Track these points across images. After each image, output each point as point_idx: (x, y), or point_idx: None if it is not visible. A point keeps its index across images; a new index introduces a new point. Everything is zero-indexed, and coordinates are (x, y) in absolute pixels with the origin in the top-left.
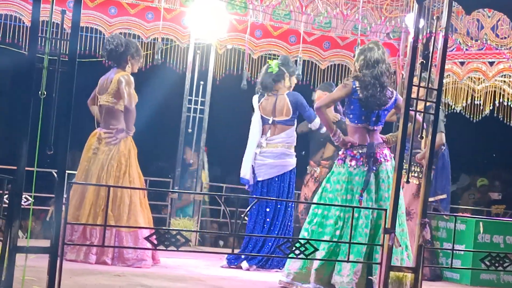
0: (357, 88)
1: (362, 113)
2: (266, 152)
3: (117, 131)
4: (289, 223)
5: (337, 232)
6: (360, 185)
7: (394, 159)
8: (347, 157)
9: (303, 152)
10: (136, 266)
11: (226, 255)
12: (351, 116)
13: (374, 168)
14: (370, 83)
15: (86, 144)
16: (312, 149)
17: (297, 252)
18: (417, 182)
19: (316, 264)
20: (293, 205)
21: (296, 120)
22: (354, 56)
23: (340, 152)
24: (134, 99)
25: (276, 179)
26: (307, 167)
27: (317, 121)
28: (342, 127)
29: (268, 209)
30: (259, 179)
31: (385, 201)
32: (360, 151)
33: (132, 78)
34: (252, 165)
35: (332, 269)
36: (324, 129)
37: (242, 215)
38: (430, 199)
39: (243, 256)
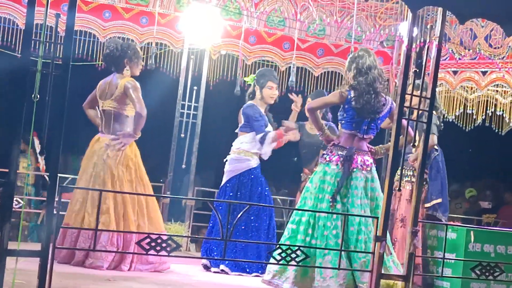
0: (352, 98)
1: (353, 121)
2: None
3: (124, 136)
4: (255, 224)
5: (309, 231)
6: (331, 185)
7: (374, 168)
8: (325, 156)
9: (295, 159)
10: (159, 270)
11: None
12: (343, 122)
13: (350, 172)
14: (365, 90)
15: (89, 149)
16: (306, 157)
17: (288, 259)
18: (411, 188)
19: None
20: (271, 211)
21: (249, 127)
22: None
23: (324, 152)
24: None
25: (228, 185)
26: (301, 175)
27: (260, 135)
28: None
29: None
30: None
31: (357, 208)
32: (340, 153)
33: (137, 83)
34: None
35: (309, 271)
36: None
37: (234, 221)
38: (427, 205)
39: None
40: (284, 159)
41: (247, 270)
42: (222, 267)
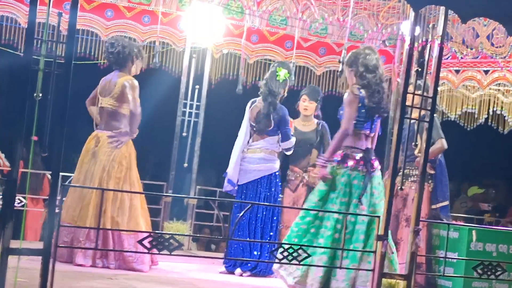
0: (365, 96)
1: (365, 120)
2: (246, 158)
3: (121, 134)
4: (273, 228)
5: (336, 235)
6: (358, 189)
7: (387, 167)
8: (346, 159)
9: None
10: (137, 269)
11: (220, 260)
12: (354, 121)
13: (371, 174)
14: (375, 89)
15: (85, 145)
16: (298, 155)
17: (290, 258)
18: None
19: (320, 271)
20: (279, 210)
21: (277, 131)
22: (339, 60)
23: (338, 153)
24: (139, 103)
25: (257, 183)
26: (288, 172)
27: (289, 143)
28: (322, 132)
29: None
30: (238, 183)
31: (375, 208)
32: (359, 155)
33: (136, 82)
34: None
35: (330, 273)
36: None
37: (236, 220)
38: (432, 207)
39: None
40: None
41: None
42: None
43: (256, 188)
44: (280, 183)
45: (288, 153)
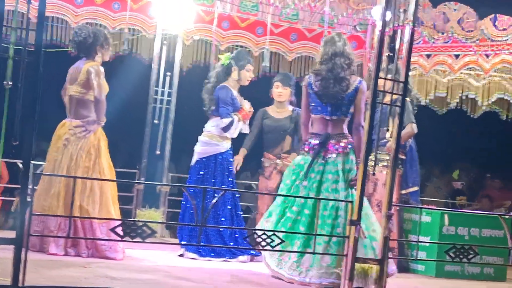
0: (312, 82)
1: (317, 104)
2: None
3: (88, 123)
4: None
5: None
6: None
7: (354, 151)
8: (302, 147)
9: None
10: (110, 257)
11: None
12: (310, 107)
13: (325, 158)
14: (326, 76)
15: (55, 134)
16: (270, 141)
17: (263, 243)
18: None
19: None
20: (237, 195)
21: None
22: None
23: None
24: (104, 90)
25: (197, 166)
26: (262, 159)
27: (222, 122)
28: (297, 119)
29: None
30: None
31: (333, 193)
32: (314, 141)
33: (101, 69)
34: None
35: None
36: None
37: (208, 207)
38: (402, 192)
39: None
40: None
41: (212, 254)
42: (191, 255)
43: (197, 170)
44: (227, 167)
45: (228, 134)
